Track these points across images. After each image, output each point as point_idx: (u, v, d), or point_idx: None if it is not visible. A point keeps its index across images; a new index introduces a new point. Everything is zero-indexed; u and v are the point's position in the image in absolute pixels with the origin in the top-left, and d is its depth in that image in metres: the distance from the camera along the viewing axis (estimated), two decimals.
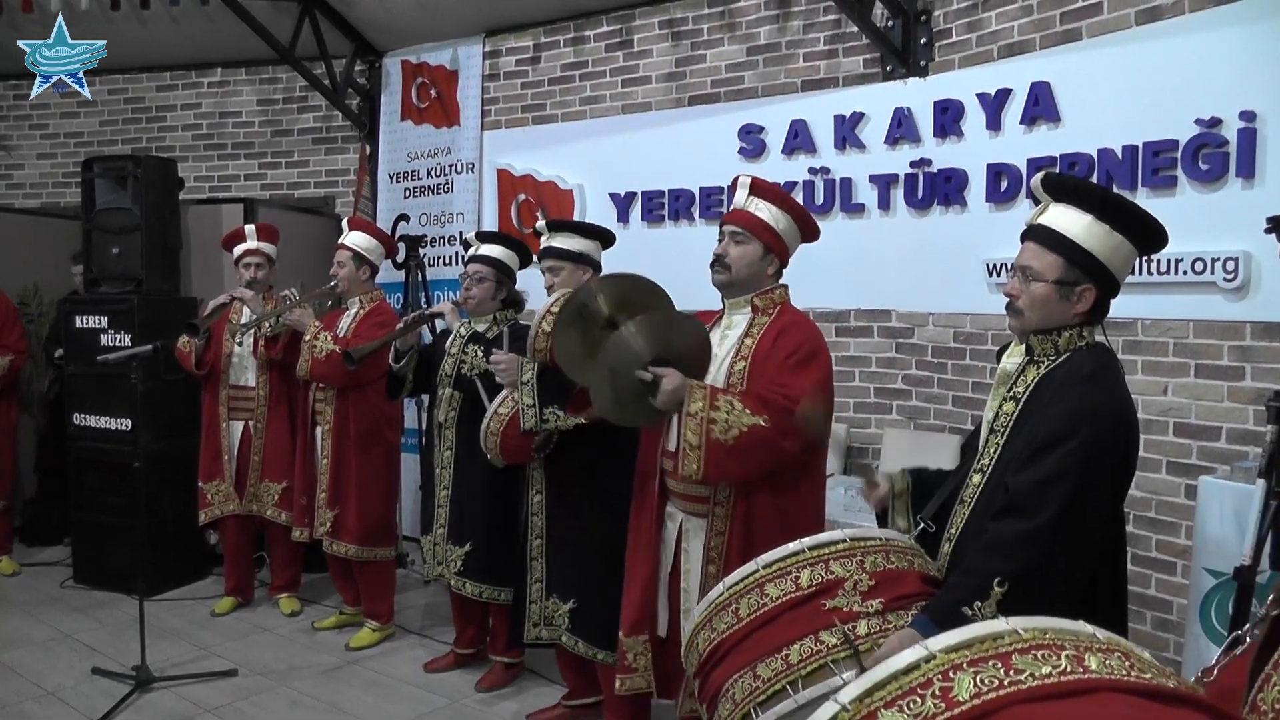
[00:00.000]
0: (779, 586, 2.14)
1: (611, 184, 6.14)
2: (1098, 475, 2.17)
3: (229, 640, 5.13)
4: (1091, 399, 2.21)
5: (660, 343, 3.02)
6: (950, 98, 4.93)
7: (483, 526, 4.42)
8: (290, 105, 7.56)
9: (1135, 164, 4.22)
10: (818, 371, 3.08)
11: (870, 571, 2.15)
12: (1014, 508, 2.18)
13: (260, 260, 5.48)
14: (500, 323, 4.45)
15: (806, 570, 2.15)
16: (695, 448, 2.92)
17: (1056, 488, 2.13)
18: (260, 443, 5.49)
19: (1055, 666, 1.10)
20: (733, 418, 2.92)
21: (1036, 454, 2.19)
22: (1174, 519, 4.14)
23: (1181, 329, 4.14)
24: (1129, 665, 1.12)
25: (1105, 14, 4.34)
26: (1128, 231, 2.31)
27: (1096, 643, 1.15)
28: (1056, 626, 1.19)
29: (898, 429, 5.28)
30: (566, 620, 3.92)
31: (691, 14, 5.93)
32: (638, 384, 2.99)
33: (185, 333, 5.31)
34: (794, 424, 2.96)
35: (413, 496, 5.94)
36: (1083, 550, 2.17)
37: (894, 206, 5.18)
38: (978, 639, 1.16)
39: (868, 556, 2.18)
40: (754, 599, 2.14)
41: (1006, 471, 2.27)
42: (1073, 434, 2.16)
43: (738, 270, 3.20)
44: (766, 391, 2.99)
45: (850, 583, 2.13)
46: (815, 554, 2.17)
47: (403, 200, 7.09)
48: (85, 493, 5.95)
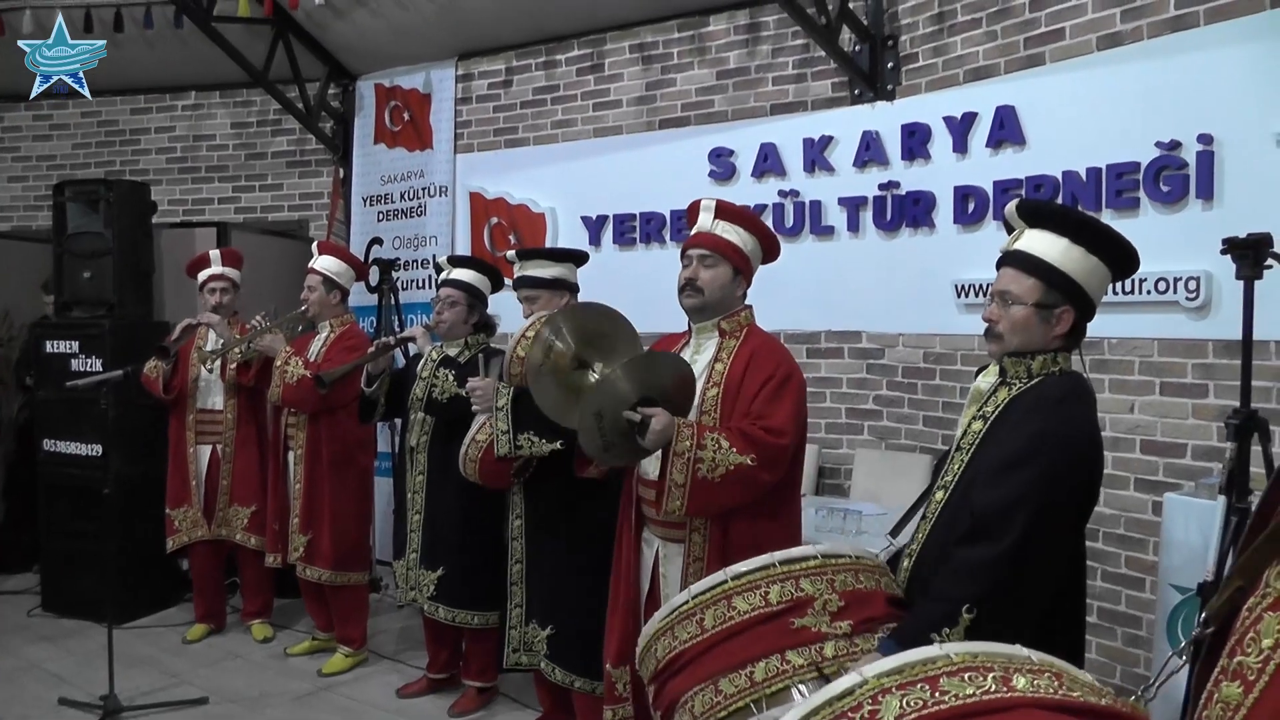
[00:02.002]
0: (748, 600, 2.12)
1: (584, 207, 6.17)
2: (1061, 498, 2.18)
3: (200, 667, 5.09)
4: (1058, 423, 2.22)
5: (644, 383, 3.00)
6: (917, 121, 4.99)
7: (455, 551, 4.42)
8: (264, 129, 7.56)
9: (1099, 186, 4.29)
10: (793, 395, 3.09)
11: (840, 591, 2.13)
12: (979, 532, 2.18)
13: (225, 285, 5.47)
14: (472, 347, 4.46)
15: (777, 585, 2.12)
16: (680, 485, 2.92)
17: (1020, 511, 2.14)
18: (229, 467, 5.47)
19: (980, 687, 1.13)
20: (719, 456, 2.91)
21: (1000, 474, 2.21)
22: (1142, 535, 4.19)
23: (1147, 347, 4.20)
24: (1058, 685, 1.15)
25: (1068, 39, 4.41)
26: (1103, 254, 2.34)
27: (1029, 664, 1.18)
28: (989, 650, 1.22)
29: (869, 449, 5.31)
30: (545, 646, 3.91)
31: (662, 38, 5.98)
32: (625, 425, 2.98)
33: (155, 356, 5.29)
34: (781, 456, 2.98)
35: (386, 520, 5.92)
36: (1047, 572, 2.18)
37: (863, 228, 5.23)
38: (910, 664, 1.19)
39: (838, 575, 2.16)
40: (721, 610, 2.12)
41: (970, 489, 2.28)
42: (1036, 456, 2.17)
43: (710, 293, 3.20)
44: (751, 429, 2.98)
45: (820, 602, 2.11)
46: (786, 569, 2.14)
47: (376, 224, 7.09)
48: (55, 519, 5.89)
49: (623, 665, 3.26)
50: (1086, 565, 2.46)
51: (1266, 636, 1.07)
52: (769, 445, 2.96)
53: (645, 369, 3.04)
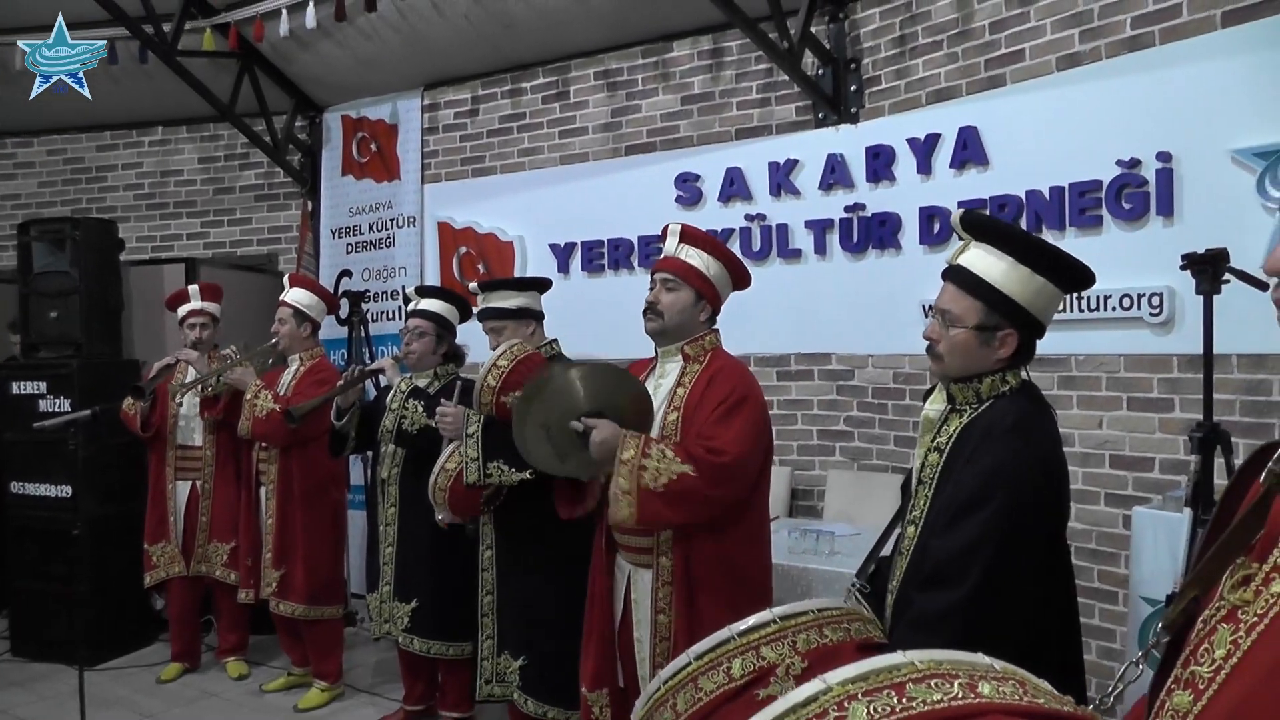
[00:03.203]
0: (712, 679, 2.10)
1: (551, 235, 6.18)
2: (1023, 535, 2.12)
3: (175, 707, 5.04)
4: (1010, 456, 2.15)
5: (597, 397, 3.03)
6: (881, 143, 5.03)
7: (429, 582, 4.40)
8: (232, 162, 7.54)
9: (1062, 204, 4.33)
10: (746, 415, 3.10)
11: (803, 652, 2.11)
12: (936, 579, 2.14)
13: (205, 320, 5.46)
14: (441, 377, 4.45)
15: (738, 659, 2.10)
16: (626, 492, 2.95)
17: (977, 556, 2.09)
18: (208, 503, 5.44)
19: (947, 693, 1.13)
20: (663, 465, 2.95)
21: (955, 518, 2.15)
22: (1114, 549, 4.21)
23: (1113, 363, 4.23)
24: (1023, 691, 1.15)
25: (1028, 60, 4.46)
26: (1050, 274, 2.24)
27: (993, 672, 1.19)
28: (953, 658, 1.22)
29: (841, 470, 5.32)
30: (518, 677, 3.89)
31: (626, 65, 6.01)
32: (573, 435, 3.01)
33: (130, 395, 5.26)
34: (723, 474, 3.00)
35: (360, 554, 5.88)
36: (1013, 614, 2.11)
37: (830, 251, 5.25)
38: (874, 671, 1.18)
39: (799, 635, 2.14)
40: (689, 694, 2.11)
41: (930, 536, 2.23)
42: (990, 498, 2.11)
43: (670, 317, 3.23)
44: (692, 446, 3.03)
45: (782, 668, 2.08)
46: (745, 641, 2.12)
47: (345, 255, 7.08)
48: (24, 562, 5.82)
49: (599, 689, 3.27)
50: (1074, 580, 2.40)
51: (1219, 647, 1.10)
52: (707, 462, 2.99)
53: (600, 380, 3.06)
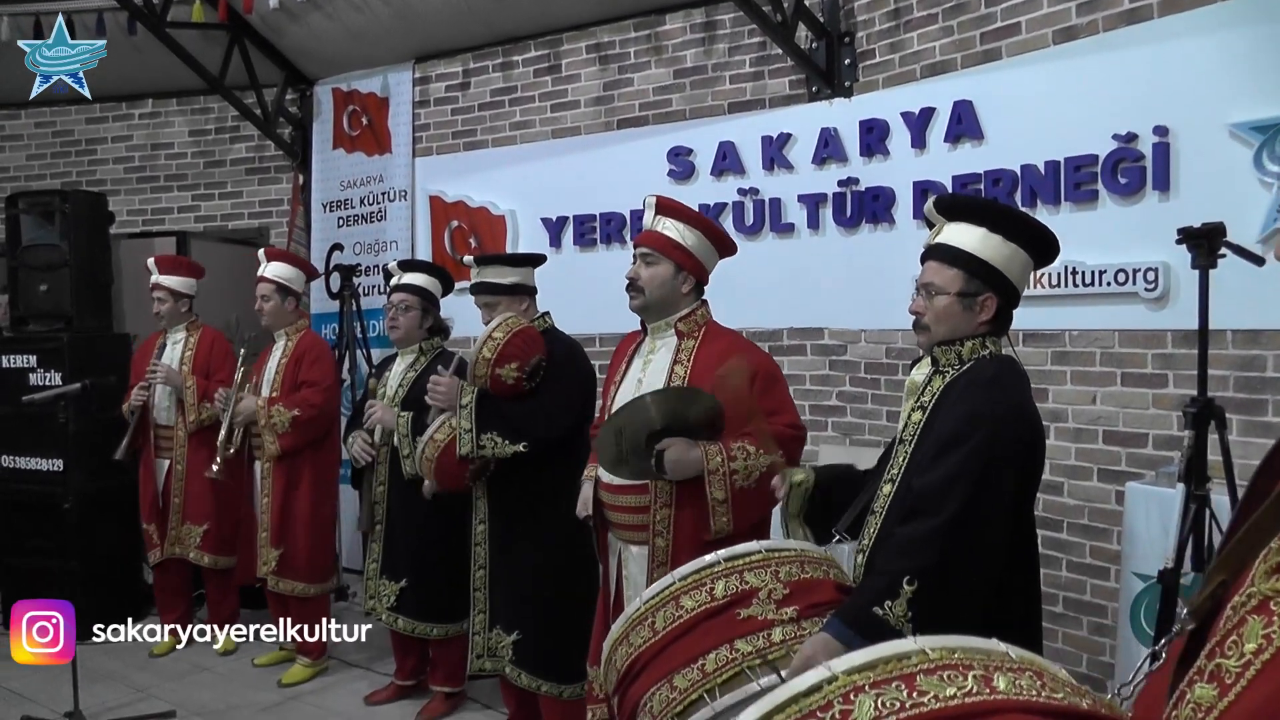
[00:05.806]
0: (694, 598, 2.16)
1: (543, 209, 6.14)
2: (998, 473, 2.21)
3: (167, 681, 5.03)
4: (990, 403, 2.27)
5: (671, 413, 3.01)
6: (875, 117, 4.99)
7: (417, 562, 4.40)
8: (222, 135, 7.47)
9: (1058, 179, 4.29)
10: (783, 381, 3.22)
11: (785, 581, 2.18)
12: (918, 509, 2.22)
13: (162, 294, 5.37)
14: (426, 352, 4.42)
15: (721, 581, 2.17)
16: (723, 502, 2.97)
17: (957, 486, 2.17)
18: (181, 484, 5.36)
19: (961, 688, 1.08)
20: (751, 463, 2.97)
21: (938, 455, 2.25)
22: (1106, 525, 4.20)
23: (1108, 339, 4.21)
24: (1040, 685, 1.10)
25: (1024, 34, 4.42)
26: (1020, 240, 2.40)
27: (1009, 662, 1.14)
28: (967, 645, 1.16)
29: (833, 445, 5.31)
30: (510, 652, 3.89)
31: (618, 38, 5.96)
32: (638, 446, 3.01)
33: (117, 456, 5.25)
34: (801, 445, 3.14)
35: (351, 530, 5.86)
36: (988, 546, 2.20)
37: (823, 225, 5.22)
38: (883, 659, 1.13)
39: (782, 566, 2.21)
40: (670, 611, 2.16)
41: (914, 476, 2.31)
42: (972, 434, 2.21)
43: (651, 292, 3.21)
44: (776, 429, 3.03)
45: (765, 592, 2.16)
46: (730, 565, 2.20)
47: (336, 229, 7.04)
48: (15, 536, 5.80)
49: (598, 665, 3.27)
50: (1039, 548, 2.49)
51: (1249, 640, 0.99)
52: (794, 438, 3.09)
53: (676, 401, 3.05)
